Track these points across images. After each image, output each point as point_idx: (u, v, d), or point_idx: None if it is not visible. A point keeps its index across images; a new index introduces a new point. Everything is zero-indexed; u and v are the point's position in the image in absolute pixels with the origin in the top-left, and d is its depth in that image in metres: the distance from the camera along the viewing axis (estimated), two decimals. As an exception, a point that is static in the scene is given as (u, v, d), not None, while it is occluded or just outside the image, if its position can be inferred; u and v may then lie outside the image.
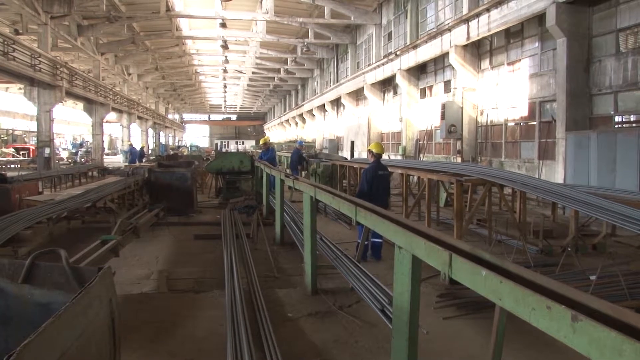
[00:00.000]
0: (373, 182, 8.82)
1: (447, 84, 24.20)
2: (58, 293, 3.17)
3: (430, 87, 26.20)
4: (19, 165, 34.30)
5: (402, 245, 3.59)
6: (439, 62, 24.85)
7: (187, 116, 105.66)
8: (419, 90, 27.30)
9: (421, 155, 25.88)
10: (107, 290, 3.04)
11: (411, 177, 13.97)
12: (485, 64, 20.76)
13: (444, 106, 21.51)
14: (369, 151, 9.42)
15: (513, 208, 10.65)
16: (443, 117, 21.40)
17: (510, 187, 9.29)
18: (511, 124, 19.19)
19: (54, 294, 3.17)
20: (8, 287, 3.24)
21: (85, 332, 2.60)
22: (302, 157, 20.48)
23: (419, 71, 27.08)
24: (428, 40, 23.59)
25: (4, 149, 43.36)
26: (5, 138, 50.21)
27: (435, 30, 23.68)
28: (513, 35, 18.94)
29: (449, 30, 21.35)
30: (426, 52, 24.02)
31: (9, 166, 33.64)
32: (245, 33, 39.59)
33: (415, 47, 25.18)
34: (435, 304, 6.29)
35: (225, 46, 38.68)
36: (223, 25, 33.80)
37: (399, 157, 27.02)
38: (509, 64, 19.25)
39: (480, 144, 21.04)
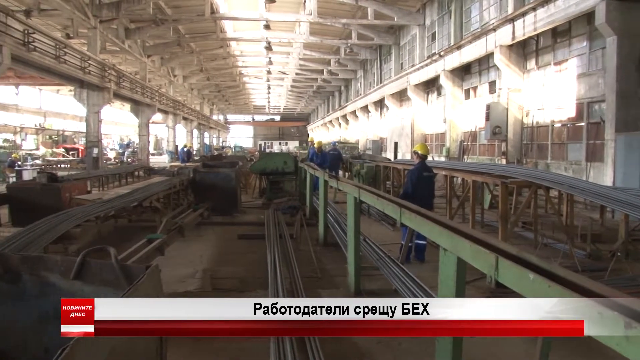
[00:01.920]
0: (418, 183, 8.76)
1: (492, 85, 23.85)
2: (107, 290, 3.26)
3: (475, 88, 25.87)
4: (68, 165, 35.27)
5: (447, 247, 3.56)
6: (484, 63, 24.52)
7: (231, 117, 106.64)
8: (463, 91, 26.98)
9: (465, 157, 25.58)
10: (154, 288, 3.10)
11: (455, 178, 13.83)
12: (531, 64, 20.40)
13: (488, 107, 21.21)
14: (414, 152, 9.35)
15: (560, 211, 10.45)
16: (488, 118, 21.11)
17: (556, 189, 9.11)
18: (558, 125, 18.81)
19: (103, 291, 3.26)
20: (60, 283, 3.35)
21: (134, 328, 2.65)
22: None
23: (463, 72, 26.76)
24: (472, 40, 23.30)
25: (54, 149, 44.57)
26: (56, 138, 51.60)
27: (479, 30, 23.38)
28: (560, 34, 18.56)
29: (494, 30, 21.05)
30: (470, 53, 23.73)
31: (59, 166, 34.56)
32: (289, 34, 39.76)
33: (459, 47, 24.91)
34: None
35: (269, 47, 38.91)
36: (267, 27, 33.99)
37: (442, 159, 26.75)
38: (555, 63, 18.87)
39: (526, 146, 20.69)
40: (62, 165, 35.05)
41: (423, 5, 32.08)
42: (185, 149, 33.71)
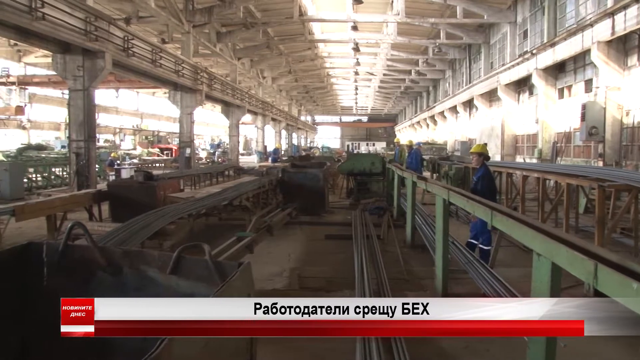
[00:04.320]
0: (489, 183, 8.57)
1: (588, 83, 22.84)
2: (201, 285, 3.37)
3: (569, 87, 24.87)
4: (163, 164, 36.75)
5: (540, 252, 3.45)
6: (579, 60, 23.53)
7: (318, 118, 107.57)
8: (557, 91, 25.99)
9: (558, 159, 24.66)
10: (246, 285, 3.18)
11: (548, 181, 13.36)
12: (633, 60, 19.36)
13: (584, 107, 20.34)
14: (479, 154, 8.88)
15: (663, 216, 9.87)
16: (583, 118, 20.25)
17: (660, 193, 8.62)
18: (661, 125, 17.79)
19: (197, 286, 3.38)
20: (158, 277, 3.50)
21: (227, 323, 2.73)
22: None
23: (556, 70, 25.79)
24: (567, 37, 22.41)
25: (150, 149, 46.49)
26: (152, 139, 53.81)
27: (575, 26, 22.44)
28: (666, 28, 17.50)
29: (591, 25, 20.14)
30: (565, 50, 22.84)
31: (154, 165, 36.06)
32: (376, 35, 39.63)
33: (552, 45, 24.03)
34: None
35: (356, 48, 38.97)
36: (354, 28, 34.09)
37: (534, 160, 25.91)
38: (660, 60, 17.84)
39: (625, 147, 19.67)
40: (157, 165, 36.56)
41: (514, 2, 31.17)
42: (274, 150, 34.36)
